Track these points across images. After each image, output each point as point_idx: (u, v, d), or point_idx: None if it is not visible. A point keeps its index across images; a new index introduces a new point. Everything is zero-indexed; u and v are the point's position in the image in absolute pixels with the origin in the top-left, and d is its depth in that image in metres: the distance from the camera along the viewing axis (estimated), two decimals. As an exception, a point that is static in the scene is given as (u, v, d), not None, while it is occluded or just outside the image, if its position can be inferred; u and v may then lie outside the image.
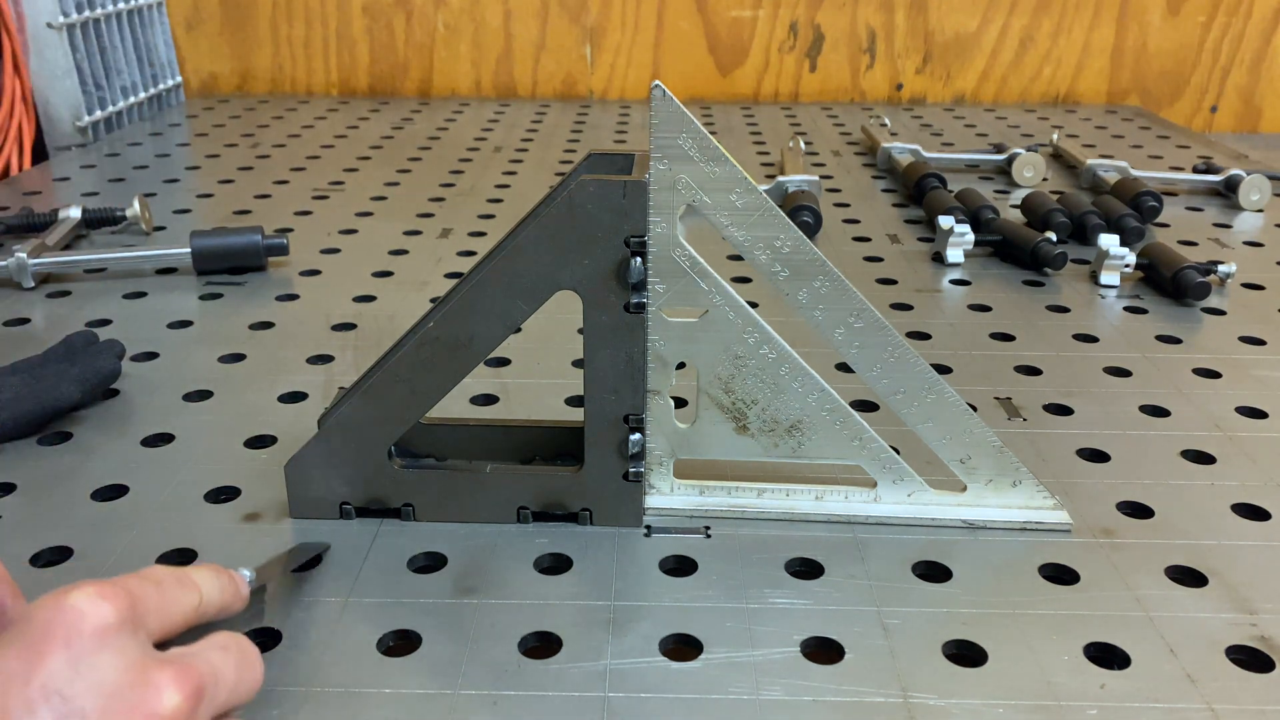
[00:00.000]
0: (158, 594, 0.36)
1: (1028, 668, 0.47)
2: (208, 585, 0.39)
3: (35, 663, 0.31)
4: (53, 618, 0.32)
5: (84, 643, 0.32)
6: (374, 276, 0.92)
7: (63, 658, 0.31)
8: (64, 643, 0.32)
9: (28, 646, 0.31)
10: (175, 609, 0.37)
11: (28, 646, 0.31)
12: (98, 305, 0.85)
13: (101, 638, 0.32)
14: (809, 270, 0.52)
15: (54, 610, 0.32)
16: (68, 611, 0.32)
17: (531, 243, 0.51)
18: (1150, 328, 0.83)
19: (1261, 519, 0.58)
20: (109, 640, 0.33)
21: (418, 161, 1.29)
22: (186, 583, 0.38)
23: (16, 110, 1.28)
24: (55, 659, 0.31)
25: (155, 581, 0.37)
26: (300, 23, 1.63)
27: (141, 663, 0.33)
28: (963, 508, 0.57)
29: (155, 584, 0.36)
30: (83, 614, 0.32)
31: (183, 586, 0.38)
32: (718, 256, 0.78)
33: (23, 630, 0.32)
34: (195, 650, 0.36)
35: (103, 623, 0.33)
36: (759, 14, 1.62)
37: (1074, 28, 1.62)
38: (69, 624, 0.32)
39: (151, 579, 0.37)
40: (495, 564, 0.53)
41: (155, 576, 0.37)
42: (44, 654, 0.31)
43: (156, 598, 0.36)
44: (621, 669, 0.46)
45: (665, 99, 0.49)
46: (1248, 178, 1.13)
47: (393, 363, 0.53)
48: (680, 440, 0.56)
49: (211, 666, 0.35)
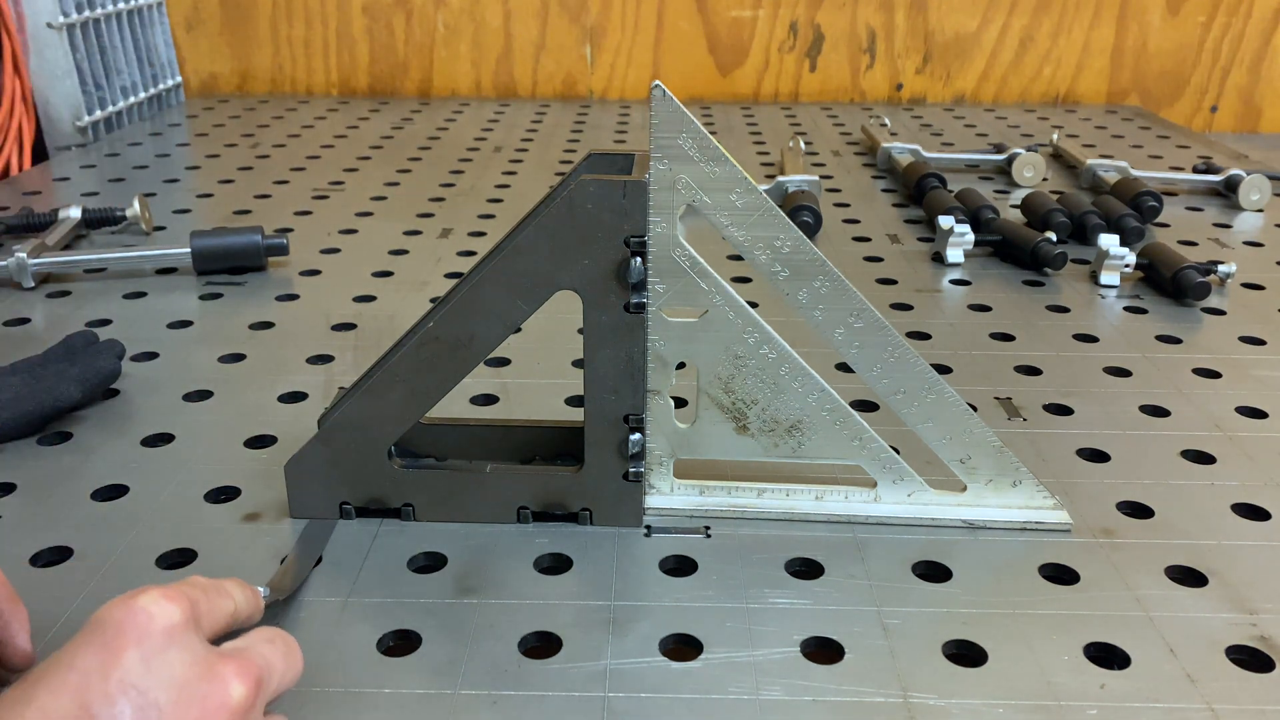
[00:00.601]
0: (205, 599, 0.39)
1: (1028, 668, 0.47)
2: (238, 595, 0.42)
3: (111, 660, 0.34)
4: (124, 619, 0.35)
5: (154, 641, 0.35)
6: (374, 276, 0.92)
7: (136, 655, 0.34)
8: (136, 641, 0.34)
9: (103, 646, 0.34)
10: (219, 614, 0.40)
11: (103, 646, 0.34)
12: (98, 305, 0.85)
13: (169, 636, 0.35)
14: (809, 270, 0.52)
15: (124, 612, 0.35)
16: (138, 613, 0.35)
17: (531, 243, 0.51)
18: (1150, 328, 0.83)
19: (1261, 519, 0.58)
20: (176, 638, 0.35)
21: (418, 161, 1.29)
22: (224, 591, 0.41)
23: (16, 110, 1.28)
24: (130, 656, 0.34)
25: (200, 588, 0.39)
26: (300, 23, 1.63)
27: (206, 658, 0.36)
28: (963, 508, 0.57)
29: (201, 590, 0.39)
30: (151, 615, 0.35)
31: (221, 595, 0.41)
32: (718, 256, 0.78)
33: (96, 631, 0.35)
34: (248, 644, 0.39)
35: (170, 622, 0.35)
36: (759, 14, 1.62)
37: (1074, 28, 1.62)
38: (140, 624, 0.35)
39: (198, 585, 0.39)
40: (495, 564, 0.53)
41: (198, 583, 0.40)
42: (119, 652, 0.34)
43: (205, 603, 0.39)
44: (621, 669, 0.46)
45: (665, 99, 0.49)
46: (1248, 178, 1.13)
47: (393, 363, 0.53)
48: (680, 440, 0.56)
49: (264, 658, 0.38)
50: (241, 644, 0.39)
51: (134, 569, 0.52)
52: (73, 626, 0.48)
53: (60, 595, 0.50)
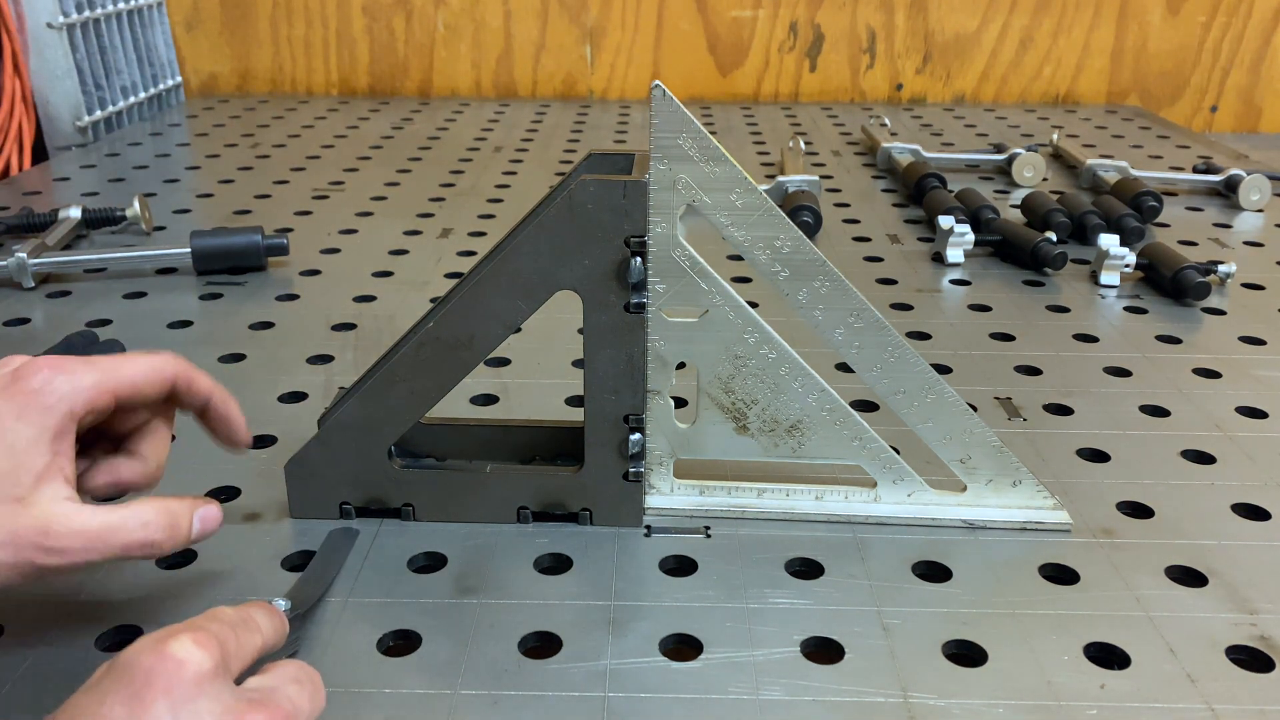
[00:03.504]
0: (234, 639, 0.37)
1: (1028, 668, 0.47)
2: (265, 625, 0.41)
3: (139, 710, 0.33)
4: (153, 666, 0.34)
5: (184, 690, 0.33)
6: (374, 276, 0.92)
7: (165, 705, 0.33)
8: (165, 691, 0.33)
9: (132, 695, 0.33)
10: (248, 651, 0.38)
11: (132, 695, 0.33)
12: (98, 305, 0.85)
13: (199, 685, 0.34)
14: (809, 270, 0.52)
15: (154, 658, 0.34)
16: (167, 660, 0.34)
17: (531, 243, 0.51)
18: (1150, 328, 0.83)
19: (1261, 519, 0.58)
20: (206, 687, 0.34)
21: (418, 161, 1.29)
22: (251, 625, 0.39)
23: (16, 110, 1.28)
24: (158, 707, 0.33)
25: (229, 625, 0.38)
26: (300, 23, 1.63)
27: (236, 707, 0.35)
28: (963, 508, 0.57)
29: (230, 627, 0.38)
30: (181, 662, 0.34)
31: (250, 629, 0.39)
32: (718, 256, 0.78)
33: (124, 678, 0.33)
34: (274, 685, 0.37)
35: (200, 671, 0.34)
36: (759, 14, 1.62)
37: (1074, 28, 1.62)
38: (169, 672, 0.34)
39: (225, 622, 0.38)
40: (495, 564, 0.53)
41: (225, 619, 0.38)
42: (147, 703, 0.33)
43: (234, 642, 0.37)
44: (621, 669, 0.46)
45: (665, 99, 0.49)
46: (1248, 178, 1.13)
47: (393, 363, 0.53)
48: (680, 440, 0.56)
49: (293, 703, 0.37)
50: (270, 684, 0.37)
51: (133, 569, 0.52)
52: (72, 628, 0.48)
53: (60, 595, 0.50)
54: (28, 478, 0.40)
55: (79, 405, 0.42)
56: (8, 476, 0.39)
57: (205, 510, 0.46)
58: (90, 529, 0.41)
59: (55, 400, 0.41)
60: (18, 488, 0.39)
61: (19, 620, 0.49)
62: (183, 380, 0.47)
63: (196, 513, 0.45)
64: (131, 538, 0.42)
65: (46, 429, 0.41)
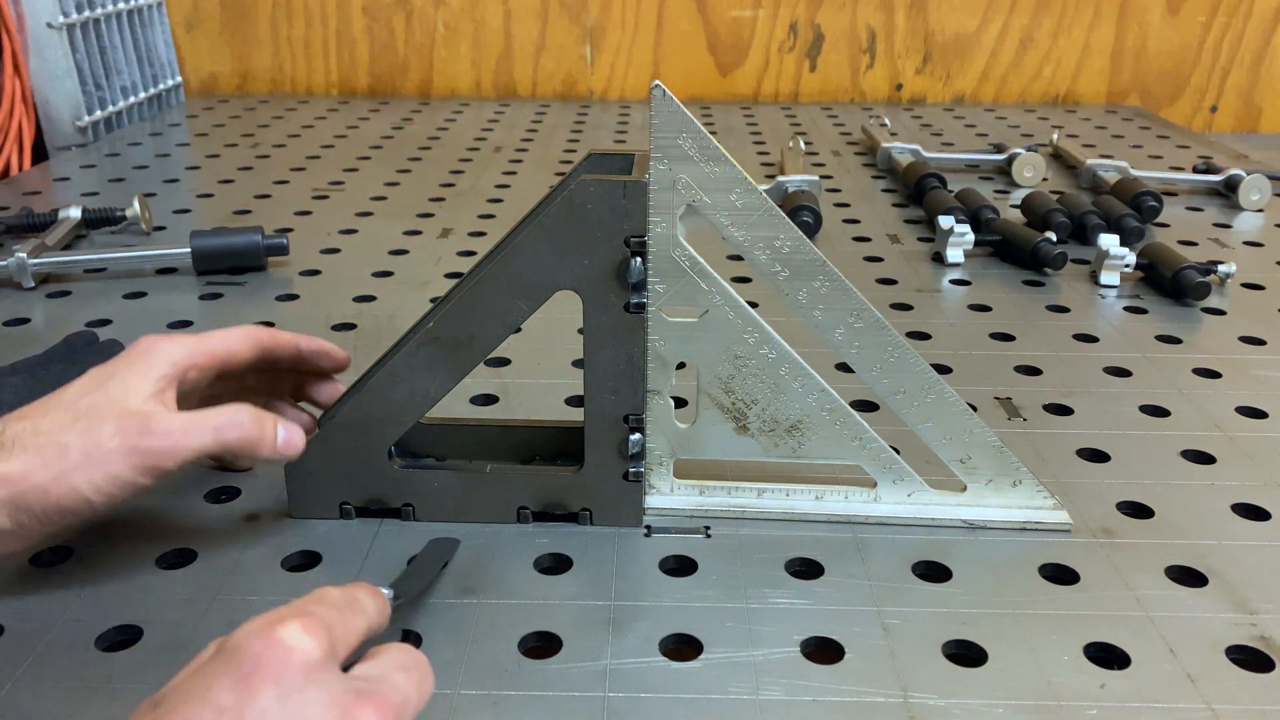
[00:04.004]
0: (341, 622, 0.37)
1: (1028, 668, 0.47)
2: (370, 607, 0.40)
3: (247, 697, 0.32)
4: (262, 652, 0.33)
5: (292, 678, 0.33)
6: (374, 276, 0.92)
7: (273, 693, 0.33)
8: (273, 678, 0.33)
9: (239, 680, 0.33)
10: (353, 634, 0.38)
11: (239, 680, 0.33)
12: (98, 305, 0.85)
13: (307, 673, 0.34)
14: (809, 270, 0.52)
15: (263, 644, 0.33)
16: (276, 646, 0.33)
17: (531, 243, 0.51)
18: (1150, 328, 0.83)
19: (1261, 519, 0.58)
20: (314, 675, 0.34)
21: (418, 161, 1.29)
22: (357, 607, 0.39)
23: (16, 110, 1.28)
24: (266, 694, 0.33)
25: (336, 608, 0.38)
26: (300, 23, 1.63)
27: (343, 697, 0.34)
28: (963, 508, 0.57)
29: (337, 610, 0.37)
30: (290, 649, 0.34)
31: (355, 611, 0.39)
32: (718, 256, 0.78)
33: (232, 661, 0.33)
34: (381, 674, 0.37)
35: (309, 658, 0.34)
36: (759, 14, 1.62)
37: (1074, 28, 1.62)
38: (277, 660, 0.33)
39: (332, 604, 0.38)
40: (495, 564, 0.53)
41: (331, 601, 0.38)
42: (255, 689, 0.33)
43: (341, 626, 0.37)
44: (621, 669, 0.46)
45: (665, 99, 0.49)
46: (1248, 178, 1.13)
47: (393, 363, 0.53)
48: (680, 440, 0.56)
49: (400, 692, 0.36)
50: (376, 671, 0.37)
51: (133, 569, 0.52)
52: (72, 628, 0.48)
53: (60, 596, 0.50)
54: (136, 399, 0.48)
55: (180, 358, 0.51)
56: (119, 399, 0.48)
57: (291, 425, 0.52)
58: (184, 417, 0.48)
59: (159, 357, 0.50)
60: (127, 403, 0.48)
61: (19, 620, 0.49)
62: (267, 336, 0.55)
63: (281, 422, 0.51)
64: (222, 420, 0.49)
65: (151, 376, 0.50)
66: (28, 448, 0.46)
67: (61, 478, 0.46)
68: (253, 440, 0.50)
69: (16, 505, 0.46)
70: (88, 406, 0.48)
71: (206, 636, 0.48)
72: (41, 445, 0.46)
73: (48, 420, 0.47)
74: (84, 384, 0.49)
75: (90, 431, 0.47)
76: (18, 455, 0.46)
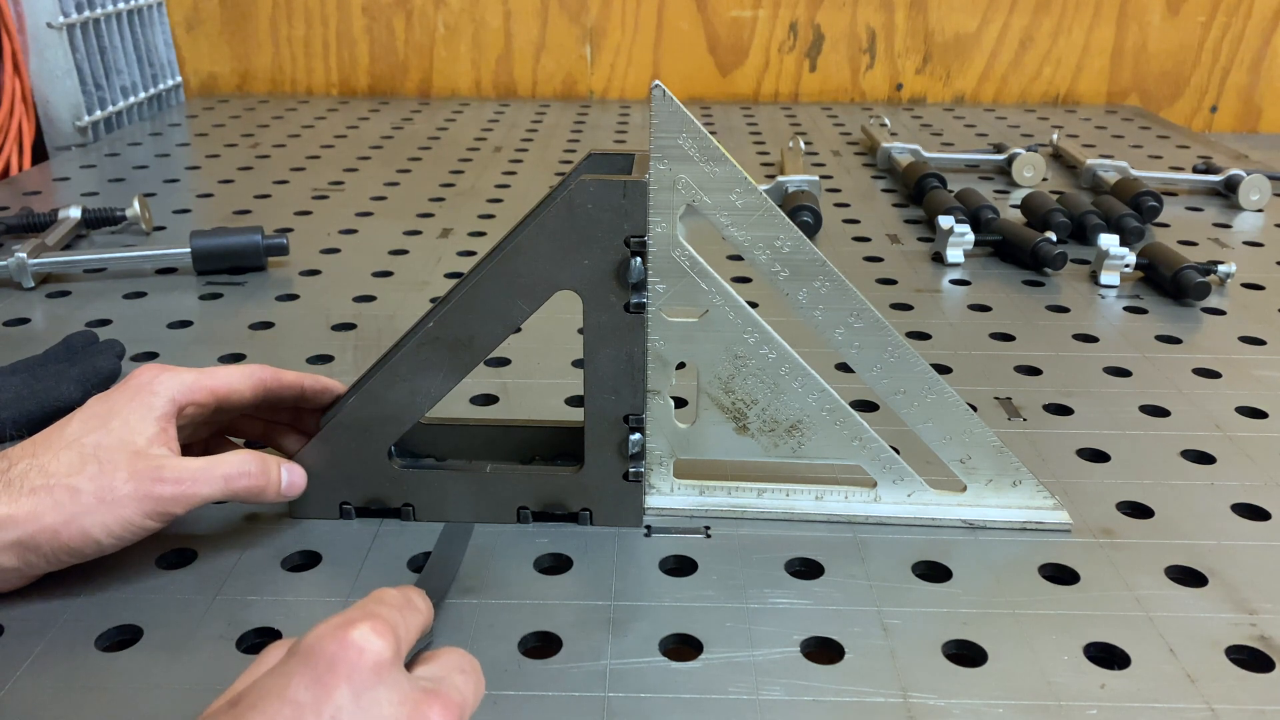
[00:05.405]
0: (403, 622, 0.38)
1: (1028, 668, 0.47)
2: (423, 606, 0.42)
3: (323, 695, 0.34)
4: (336, 652, 0.35)
5: (365, 677, 0.35)
6: (374, 276, 0.92)
7: (347, 691, 0.34)
8: (347, 677, 0.34)
9: (316, 679, 0.34)
10: (413, 633, 0.40)
11: (316, 679, 0.34)
12: (98, 305, 0.85)
13: (379, 673, 0.35)
14: (809, 270, 0.52)
15: (337, 645, 0.35)
16: (349, 647, 0.35)
17: (531, 243, 0.51)
18: (1150, 328, 0.83)
19: (1261, 519, 0.58)
20: (385, 675, 0.35)
21: (418, 161, 1.29)
22: (414, 606, 0.41)
23: (16, 110, 1.28)
24: (341, 692, 0.34)
25: (397, 608, 0.39)
26: (300, 23, 1.63)
27: (412, 696, 0.36)
28: (963, 508, 0.57)
29: (398, 611, 0.39)
30: (363, 650, 0.35)
31: (412, 611, 0.40)
32: (718, 256, 0.78)
33: (308, 661, 0.35)
34: (443, 675, 0.38)
35: (380, 659, 0.35)
36: (759, 14, 1.62)
37: (1074, 28, 1.62)
38: (351, 660, 0.35)
39: (393, 605, 0.39)
40: (495, 564, 0.53)
41: (392, 601, 0.39)
42: (331, 687, 0.34)
43: (404, 627, 0.38)
44: (621, 669, 0.46)
45: (665, 99, 0.49)
46: (1248, 178, 1.13)
47: (393, 363, 0.53)
48: (680, 440, 0.56)
49: (460, 693, 0.38)
50: (439, 673, 0.38)
51: (133, 569, 0.52)
52: (72, 628, 0.48)
53: (60, 596, 0.50)
54: (141, 439, 0.49)
55: (178, 394, 0.51)
56: (127, 440, 0.49)
57: (293, 466, 0.54)
58: (195, 464, 0.49)
59: (160, 389, 0.51)
60: (134, 444, 0.49)
61: (19, 620, 0.49)
62: (270, 377, 0.55)
63: (284, 465, 0.53)
64: (231, 469, 0.50)
65: (153, 410, 0.50)
66: (37, 489, 0.47)
67: (73, 520, 0.47)
68: (259, 488, 0.51)
69: (26, 546, 0.47)
70: (94, 447, 0.48)
71: (206, 636, 0.48)
72: (52, 487, 0.47)
73: (56, 461, 0.48)
74: (86, 420, 0.50)
75: (102, 475, 0.47)
76: (27, 496, 0.47)
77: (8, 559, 0.47)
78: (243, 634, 0.48)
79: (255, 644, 0.48)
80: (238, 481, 0.50)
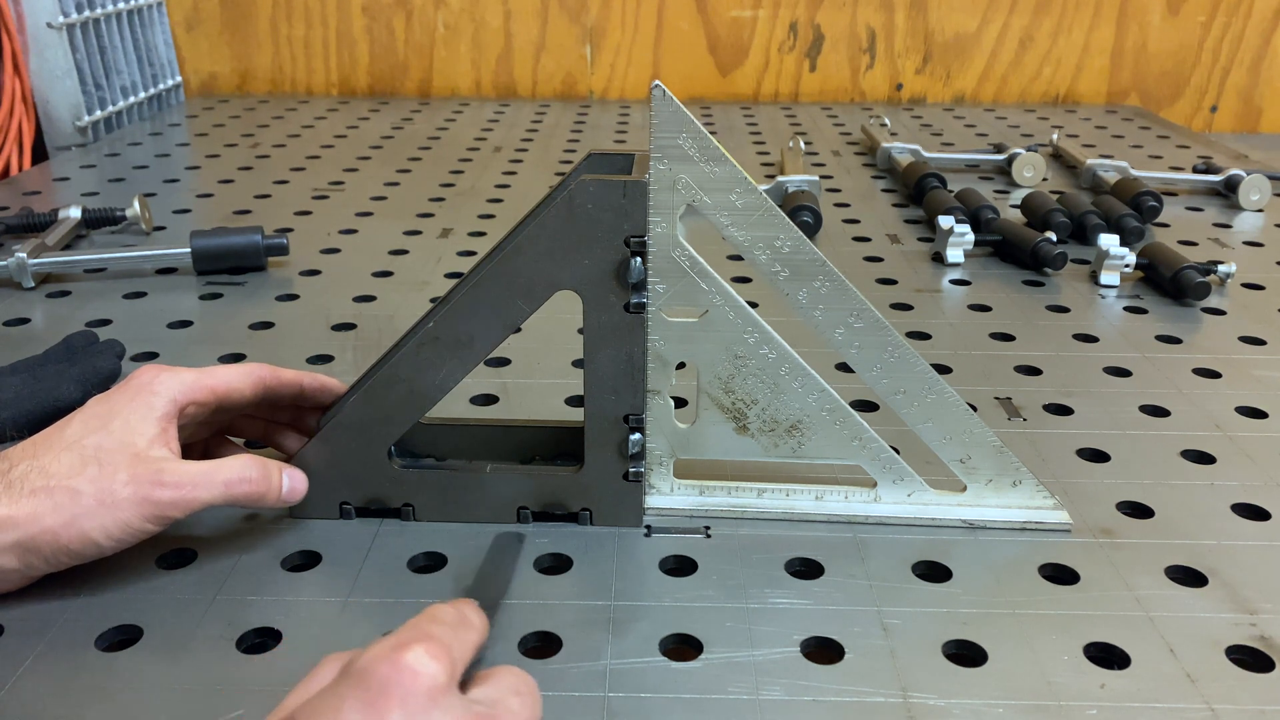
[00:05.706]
0: (457, 641, 0.38)
1: (1028, 668, 0.47)
2: (478, 622, 0.41)
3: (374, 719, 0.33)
4: (389, 676, 0.34)
5: (418, 702, 0.34)
6: (374, 276, 0.92)
7: (399, 716, 0.33)
8: (400, 702, 0.34)
9: (368, 703, 0.33)
10: (468, 651, 0.39)
11: (368, 703, 0.33)
12: (98, 305, 0.85)
13: (433, 698, 0.34)
14: (809, 270, 0.52)
15: (390, 668, 0.34)
16: (403, 671, 0.34)
17: (531, 243, 0.51)
18: (1150, 328, 0.83)
19: (1261, 519, 0.58)
20: (438, 700, 0.35)
21: (418, 161, 1.29)
22: (469, 624, 0.40)
23: (16, 110, 1.28)
24: (394, 717, 0.33)
25: (451, 626, 0.38)
26: (300, 23, 1.63)
27: None
28: (963, 508, 0.57)
29: (452, 629, 0.38)
30: (417, 674, 0.34)
31: (467, 628, 0.40)
32: (718, 256, 0.78)
33: (360, 685, 0.34)
34: (498, 698, 0.37)
35: (434, 683, 0.35)
36: (759, 14, 1.62)
37: (1074, 28, 1.62)
38: (404, 684, 0.34)
39: (447, 623, 0.38)
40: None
41: (447, 620, 0.39)
42: (384, 711, 0.33)
43: (458, 647, 0.38)
44: (621, 669, 0.46)
45: (665, 99, 0.49)
46: (1248, 178, 1.13)
47: (393, 363, 0.53)
48: (680, 440, 0.56)
49: (515, 716, 0.37)
50: (493, 695, 0.37)
51: (133, 569, 0.52)
52: (72, 628, 0.48)
53: (60, 596, 0.50)
54: (142, 441, 0.49)
55: (179, 394, 0.51)
56: (127, 442, 0.49)
57: (293, 471, 0.54)
58: (196, 469, 0.49)
59: (160, 390, 0.51)
60: (135, 446, 0.49)
61: (19, 620, 0.49)
62: (270, 375, 0.55)
63: (285, 470, 0.53)
64: (232, 474, 0.50)
65: (154, 410, 0.50)
66: (37, 490, 0.47)
67: (73, 523, 0.47)
68: (260, 494, 0.51)
69: (26, 548, 0.47)
70: (95, 449, 0.48)
71: (206, 636, 0.48)
72: (52, 489, 0.47)
73: (57, 463, 0.48)
74: (86, 421, 0.50)
75: (102, 478, 0.47)
76: (27, 497, 0.47)
77: (8, 560, 0.47)
78: (243, 634, 0.48)
79: (255, 644, 0.48)
80: (238, 487, 0.50)
